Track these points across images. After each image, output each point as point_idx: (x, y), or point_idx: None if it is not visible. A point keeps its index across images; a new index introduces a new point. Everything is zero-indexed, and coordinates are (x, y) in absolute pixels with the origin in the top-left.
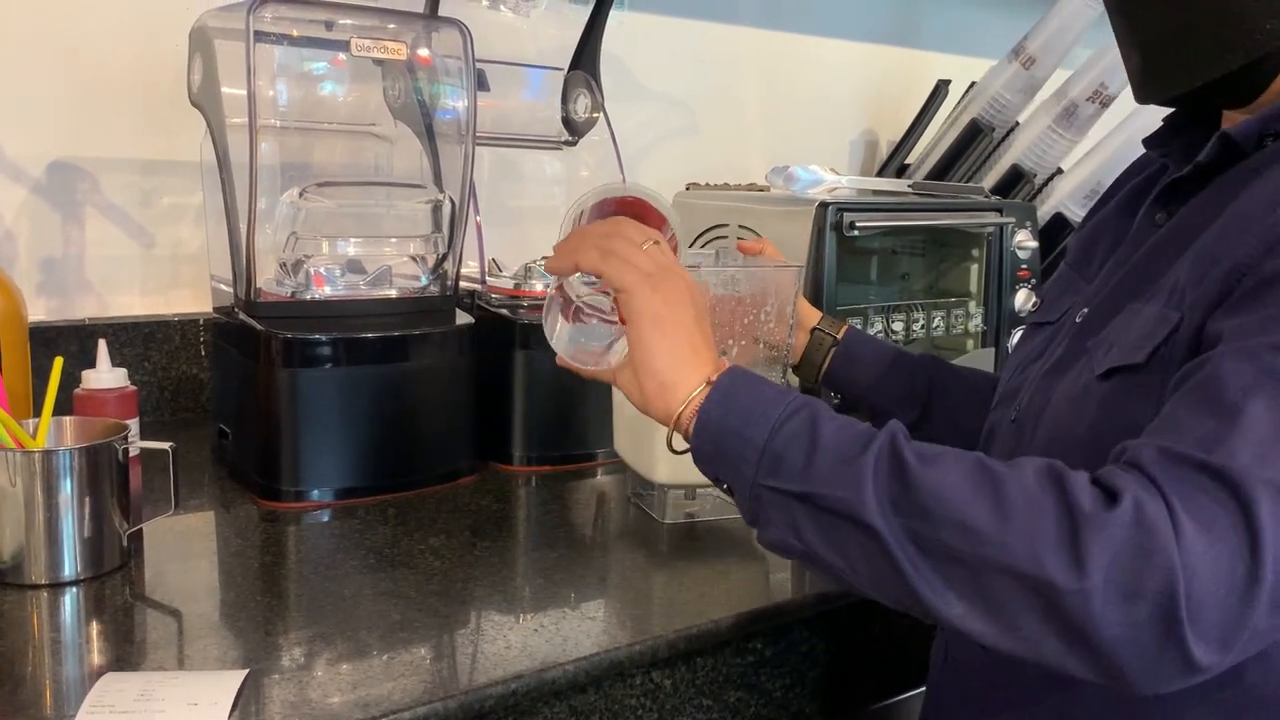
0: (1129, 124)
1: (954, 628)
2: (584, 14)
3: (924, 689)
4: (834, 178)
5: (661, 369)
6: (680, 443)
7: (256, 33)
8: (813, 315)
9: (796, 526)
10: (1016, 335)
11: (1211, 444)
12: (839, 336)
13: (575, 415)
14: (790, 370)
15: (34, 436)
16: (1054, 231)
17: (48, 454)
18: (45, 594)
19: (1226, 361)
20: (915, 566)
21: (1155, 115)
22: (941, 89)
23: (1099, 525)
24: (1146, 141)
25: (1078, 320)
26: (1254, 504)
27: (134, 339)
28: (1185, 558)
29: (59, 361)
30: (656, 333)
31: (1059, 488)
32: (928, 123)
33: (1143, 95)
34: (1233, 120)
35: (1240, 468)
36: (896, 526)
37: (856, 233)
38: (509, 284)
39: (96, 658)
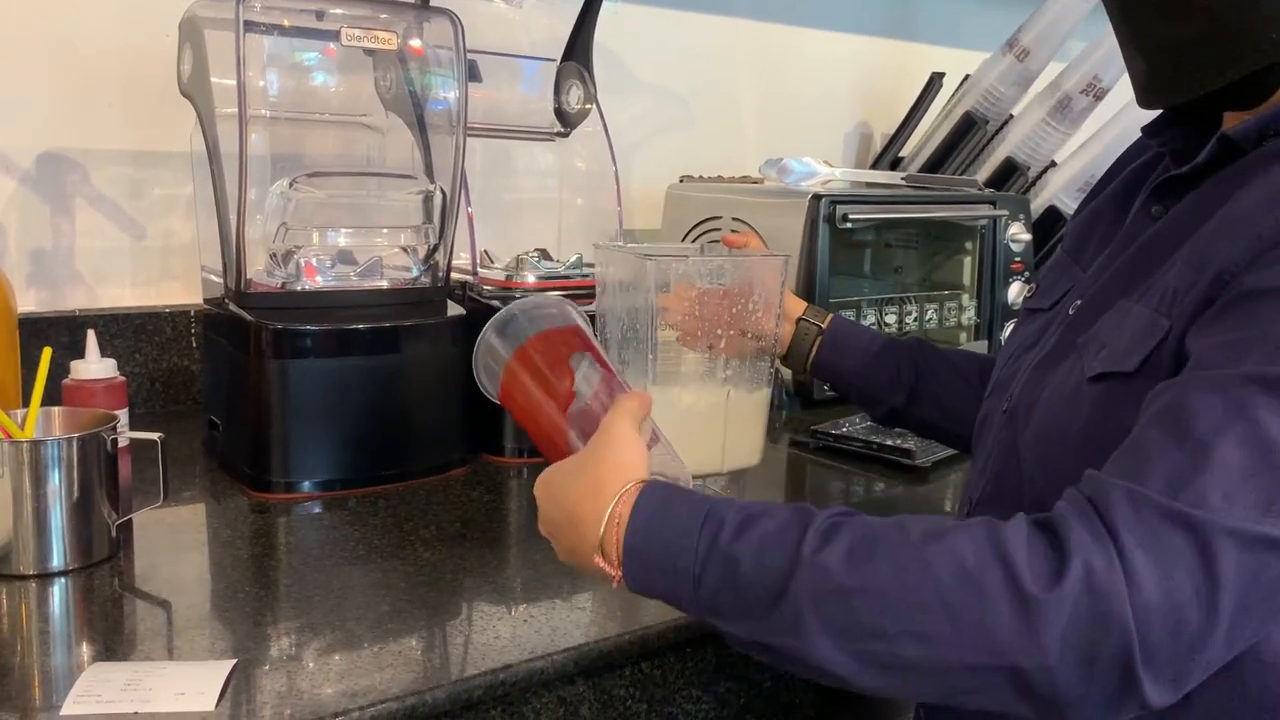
0: (1123, 117)
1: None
2: (577, 5)
3: None
4: (828, 170)
5: (556, 540)
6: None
7: (246, 22)
8: (798, 306)
9: (762, 651)
10: (1010, 328)
11: (1179, 485)
12: (824, 325)
13: None
14: (778, 360)
15: (22, 427)
16: (1047, 224)
17: (36, 444)
18: (33, 585)
19: (1196, 391)
20: (884, 679)
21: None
22: (935, 81)
23: (1049, 603)
24: (1145, 129)
25: (1071, 312)
26: (1215, 555)
27: (125, 330)
28: (1139, 612)
29: (47, 352)
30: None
31: (1003, 564)
32: (922, 115)
33: (1147, 101)
34: (1233, 119)
35: (1205, 516)
36: (853, 654)
37: (850, 225)
38: (500, 275)
39: (85, 648)
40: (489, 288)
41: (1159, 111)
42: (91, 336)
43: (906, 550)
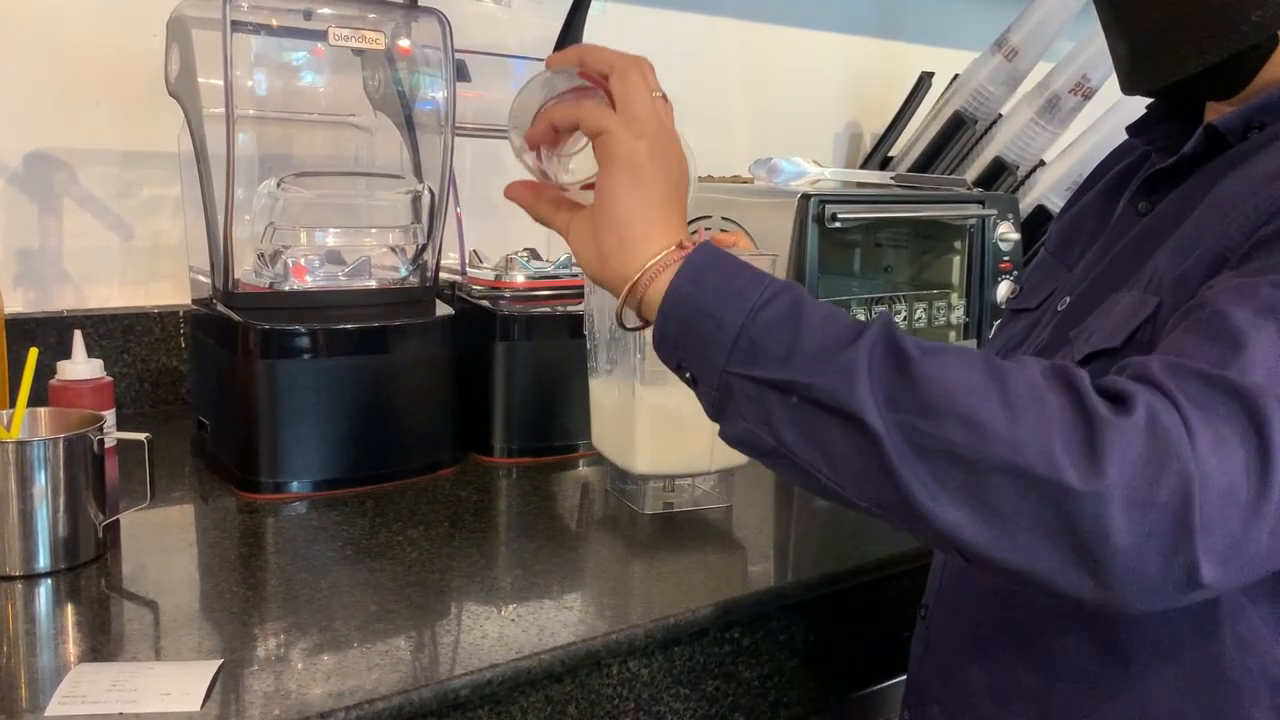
0: (1111, 116)
1: (942, 534)
2: (565, 4)
3: (901, 678)
4: (817, 170)
5: (627, 222)
6: (631, 318)
7: (234, 22)
8: None
9: (770, 420)
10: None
11: (1221, 364)
12: None
13: (556, 406)
14: None
15: (8, 428)
16: (1036, 223)
17: (22, 445)
18: (20, 585)
19: (1225, 297)
20: (909, 466)
21: (1137, 107)
22: (925, 81)
23: (1114, 427)
24: (1130, 129)
25: (1059, 309)
26: (1267, 421)
27: (113, 331)
28: (1200, 466)
29: (34, 352)
30: (630, 179)
31: (1071, 388)
32: (911, 115)
33: (1129, 86)
34: (1217, 111)
35: (1253, 384)
36: (892, 423)
37: (839, 225)
38: (489, 275)
39: (71, 649)
40: (478, 287)
41: (1145, 110)
42: (78, 337)
43: (979, 357)
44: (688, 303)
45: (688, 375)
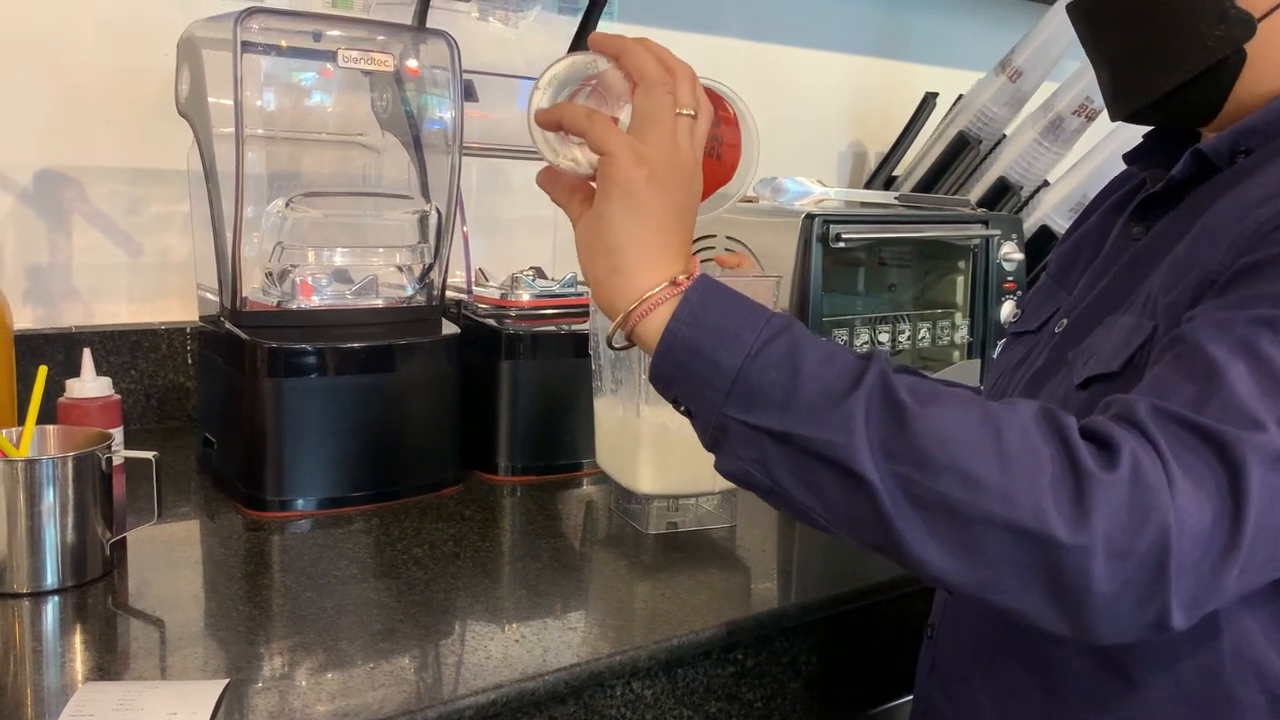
0: (1115, 137)
1: (930, 575)
2: (572, 25)
3: (906, 699)
4: (822, 189)
5: (619, 251)
6: (620, 339)
7: (244, 43)
8: None
9: (765, 463)
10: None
11: (1198, 406)
12: None
13: (560, 425)
14: None
15: (17, 445)
16: (1040, 243)
17: (30, 463)
18: (27, 603)
19: (1201, 331)
20: (903, 516)
21: (1140, 128)
22: (929, 101)
23: (1100, 482)
24: (1126, 157)
25: (1057, 331)
26: (1240, 469)
27: (120, 347)
28: (1178, 515)
29: (43, 370)
30: (626, 207)
31: (1060, 439)
32: (915, 135)
33: (1114, 111)
34: (1208, 138)
35: (1229, 430)
36: (888, 473)
37: (843, 244)
38: (495, 294)
39: (78, 667)
40: (483, 306)
41: (1143, 137)
42: (87, 355)
43: (973, 404)
44: (684, 345)
45: (683, 409)
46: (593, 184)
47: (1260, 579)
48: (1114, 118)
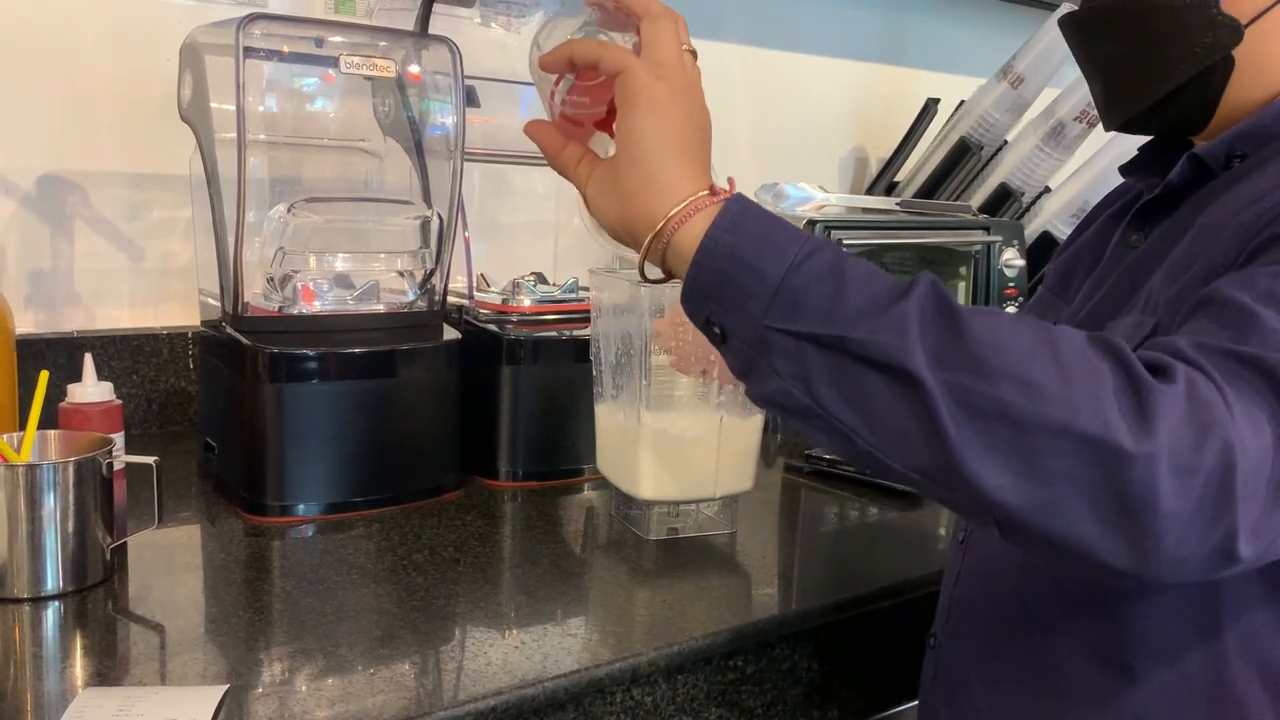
0: (1116, 144)
1: (983, 498)
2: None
3: (907, 706)
4: (823, 195)
5: (653, 159)
6: (654, 270)
7: (246, 49)
8: None
9: (807, 378)
10: None
11: (1240, 340)
12: None
13: (561, 431)
14: None
15: (18, 450)
16: (1041, 250)
17: (31, 468)
18: (27, 608)
19: (1226, 287)
20: (958, 427)
21: (1140, 137)
22: (930, 107)
23: (1160, 393)
24: (1122, 169)
25: None
26: None
27: (122, 352)
28: (1239, 435)
29: (44, 375)
30: (652, 118)
31: (1116, 354)
32: (916, 141)
33: (1108, 121)
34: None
35: (1274, 356)
36: (942, 381)
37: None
38: (497, 299)
39: (78, 672)
40: (485, 311)
41: (1138, 149)
42: (89, 360)
43: (1024, 319)
44: (725, 252)
45: (716, 330)
46: (601, 146)
47: None
48: (1108, 128)
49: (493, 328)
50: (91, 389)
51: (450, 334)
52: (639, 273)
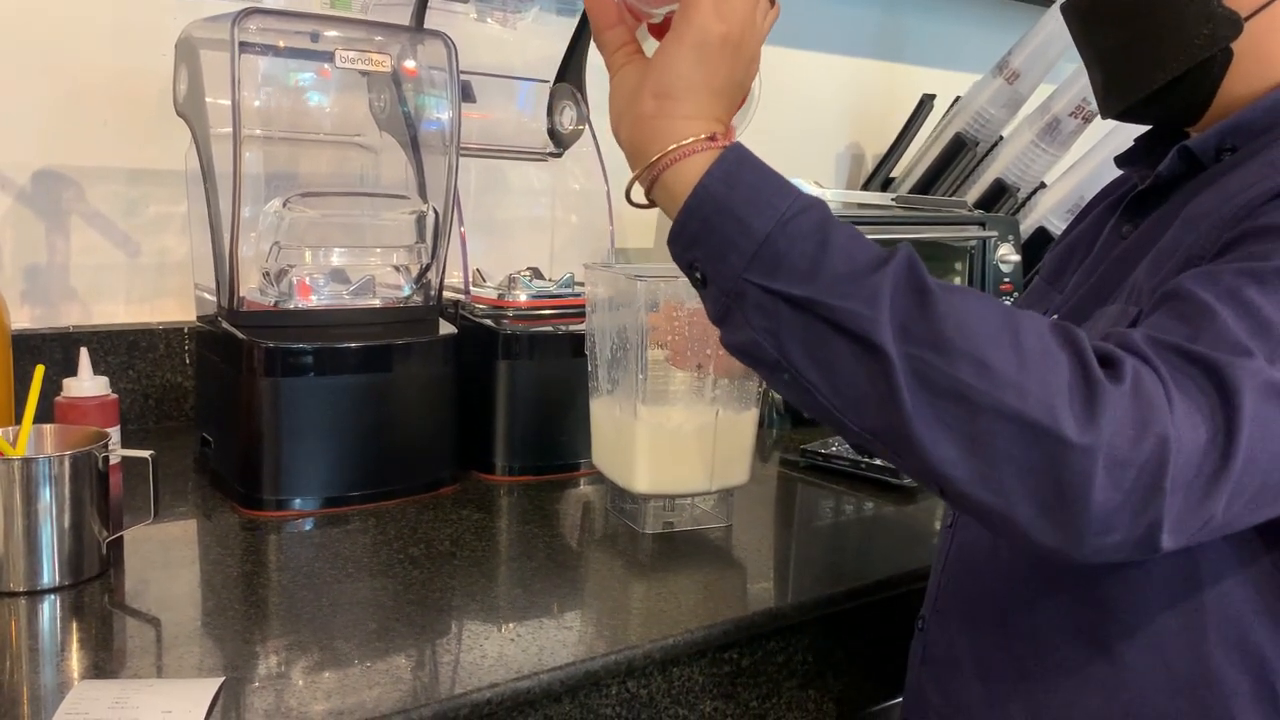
0: (1112, 139)
1: (928, 467)
2: (570, 26)
3: (901, 699)
4: (819, 191)
5: (674, 93)
6: (640, 194)
7: (241, 44)
8: None
9: (777, 333)
10: None
11: (1193, 338)
12: None
13: (557, 425)
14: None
15: (14, 444)
16: (1037, 245)
17: (27, 462)
18: (23, 601)
19: (1190, 282)
20: (914, 399)
21: (1136, 129)
22: (926, 103)
23: (1111, 392)
24: (1118, 160)
25: None
26: (1236, 394)
27: (118, 347)
28: (1176, 431)
29: (40, 369)
30: (695, 56)
31: (1073, 347)
32: (912, 136)
33: (1105, 109)
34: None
35: (1221, 356)
36: (905, 354)
37: None
38: (493, 294)
39: (74, 665)
40: (481, 306)
41: (1134, 140)
42: (85, 354)
43: (994, 302)
44: (715, 202)
45: (698, 275)
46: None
47: (1246, 517)
48: (1105, 115)
49: (489, 322)
50: (87, 383)
51: (446, 329)
52: (625, 195)
